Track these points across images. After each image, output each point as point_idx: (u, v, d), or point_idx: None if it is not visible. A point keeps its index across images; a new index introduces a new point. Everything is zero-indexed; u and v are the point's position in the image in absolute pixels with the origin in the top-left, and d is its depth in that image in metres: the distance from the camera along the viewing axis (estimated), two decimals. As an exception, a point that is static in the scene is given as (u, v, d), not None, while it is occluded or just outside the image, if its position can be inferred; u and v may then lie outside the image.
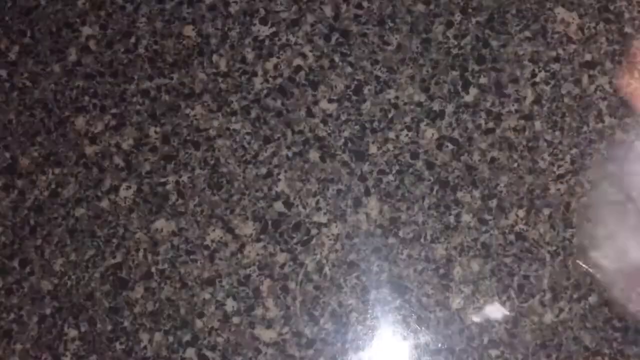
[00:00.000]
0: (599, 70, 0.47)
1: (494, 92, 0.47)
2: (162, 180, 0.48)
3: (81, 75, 0.50)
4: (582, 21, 0.48)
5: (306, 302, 0.45)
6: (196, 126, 0.49)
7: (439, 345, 0.44)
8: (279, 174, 0.48)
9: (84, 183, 0.48)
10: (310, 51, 0.50)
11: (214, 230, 0.47)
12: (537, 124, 0.47)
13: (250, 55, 0.50)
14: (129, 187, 0.48)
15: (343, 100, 0.48)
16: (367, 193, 0.47)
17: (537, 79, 0.47)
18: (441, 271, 0.45)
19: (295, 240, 0.46)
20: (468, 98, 0.48)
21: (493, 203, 0.46)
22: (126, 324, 0.46)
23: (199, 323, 0.45)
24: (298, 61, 0.49)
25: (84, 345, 0.46)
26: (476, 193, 0.46)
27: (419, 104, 0.48)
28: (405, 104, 0.48)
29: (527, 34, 0.48)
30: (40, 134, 0.49)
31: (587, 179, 0.46)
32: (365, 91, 0.48)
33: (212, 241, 0.47)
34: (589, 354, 0.44)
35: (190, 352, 0.45)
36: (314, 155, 0.48)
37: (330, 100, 0.48)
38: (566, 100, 0.47)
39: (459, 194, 0.46)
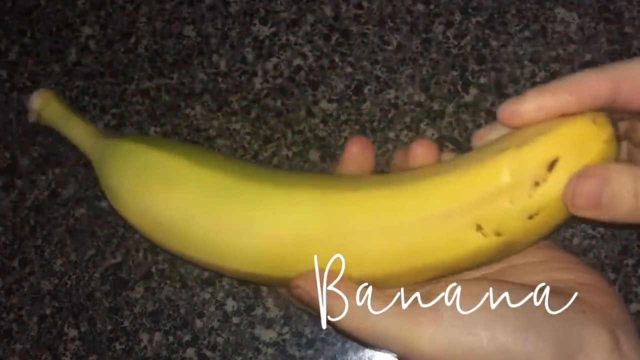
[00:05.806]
0: (599, 70, 0.47)
1: (494, 92, 0.47)
2: (162, 180, 0.48)
3: (81, 75, 0.50)
4: (582, 21, 0.48)
5: (306, 302, 0.45)
6: (196, 126, 0.49)
7: (439, 345, 0.44)
8: (279, 174, 0.47)
9: (84, 183, 0.48)
10: (310, 51, 0.50)
11: (214, 230, 0.47)
12: (537, 124, 0.47)
13: (250, 55, 0.50)
14: (129, 187, 0.48)
15: (343, 100, 0.48)
16: (367, 193, 0.47)
17: (537, 79, 0.47)
18: (441, 271, 0.45)
19: (295, 240, 0.46)
20: (468, 98, 0.48)
21: (493, 203, 0.46)
22: (126, 324, 0.46)
23: (199, 323, 0.45)
24: (298, 61, 0.49)
25: (84, 345, 0.46)
26: (476, 193, 0.46)
27: (419, 104, 0.48)
28: (405, 104, 0.48)
29: (527, 34, 0.48)
30: (40, 134, 0.49)
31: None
32: (365, 91, 0.48)
33: (212, 241, 0.47)
34: (589, 354, 0.44)
35: (190, 352, 0.45)
36: (313, 155, 0.48)
37: (330, 100, 0.48)
38: (566, 100, 0.47)
39: (459, 194, 0.46)
